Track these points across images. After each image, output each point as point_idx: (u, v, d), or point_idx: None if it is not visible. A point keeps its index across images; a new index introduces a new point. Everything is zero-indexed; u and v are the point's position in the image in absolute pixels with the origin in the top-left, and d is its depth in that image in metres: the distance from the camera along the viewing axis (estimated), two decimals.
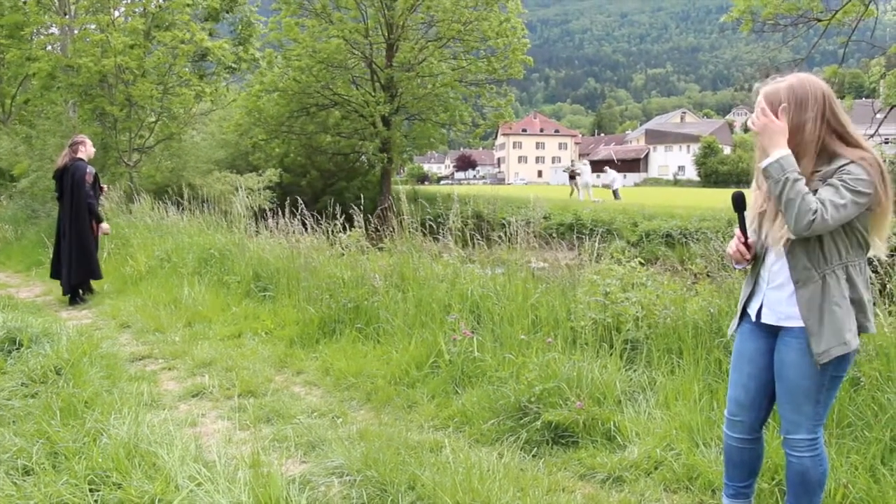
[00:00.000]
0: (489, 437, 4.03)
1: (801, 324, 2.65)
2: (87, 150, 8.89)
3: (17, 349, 5.43)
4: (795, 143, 2.61)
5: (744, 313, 2.90)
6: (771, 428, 3.39)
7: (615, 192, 32.69)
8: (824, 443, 2.80)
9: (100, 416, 4.01)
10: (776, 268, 2.72)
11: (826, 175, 2.59)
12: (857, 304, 2.64)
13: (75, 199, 8.66)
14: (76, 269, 8.64)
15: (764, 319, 2.78)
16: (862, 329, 2.67)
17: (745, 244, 2.78)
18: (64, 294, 8.75)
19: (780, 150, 2.57)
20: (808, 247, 2.61)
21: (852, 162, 2.55)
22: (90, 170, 8.79)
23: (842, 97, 12.78)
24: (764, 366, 2.82)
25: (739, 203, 2.77)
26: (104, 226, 9.04)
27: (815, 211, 2.47)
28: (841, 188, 2.50)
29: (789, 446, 2.76)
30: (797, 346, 2.66)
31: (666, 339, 4.69)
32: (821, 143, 2.62)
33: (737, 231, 2.79)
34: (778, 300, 2.73)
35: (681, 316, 4.78)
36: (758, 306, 2.81)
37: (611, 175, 35.23)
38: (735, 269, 2.90)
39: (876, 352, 3.75)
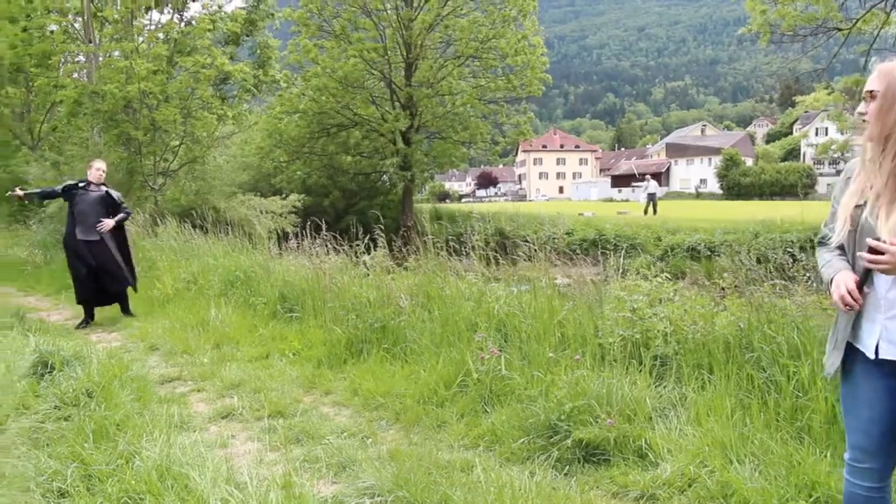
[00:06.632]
0: (520, 455, 4.01)
1: None
2: (90, 172, 8.86)
3: (49, 372, 5.50)
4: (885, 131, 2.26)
5: (850, 348, 2.44)
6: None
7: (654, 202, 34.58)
8: None
9: (132, 438, 4.05)
10: (895, 293, 2.28)
11: None
12: None
13: None
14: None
15: (884, 355, 2.31)
16: None
17: (860, 289, 2.31)
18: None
19: None
20: None
21: None
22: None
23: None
24: (887, 409, 2.38)
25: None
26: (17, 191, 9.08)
27: None
28: None
29: None
30: None
31: (695, 355, 4.64)
32: None
33: (852, 275, 2.35)
34: None
35: (710, 331, 4.73)
36: (875, 341, 2.34)
37: (652, 185, 37.29)
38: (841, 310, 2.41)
39: None
